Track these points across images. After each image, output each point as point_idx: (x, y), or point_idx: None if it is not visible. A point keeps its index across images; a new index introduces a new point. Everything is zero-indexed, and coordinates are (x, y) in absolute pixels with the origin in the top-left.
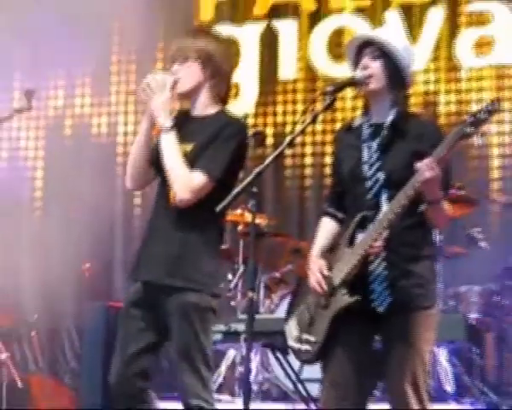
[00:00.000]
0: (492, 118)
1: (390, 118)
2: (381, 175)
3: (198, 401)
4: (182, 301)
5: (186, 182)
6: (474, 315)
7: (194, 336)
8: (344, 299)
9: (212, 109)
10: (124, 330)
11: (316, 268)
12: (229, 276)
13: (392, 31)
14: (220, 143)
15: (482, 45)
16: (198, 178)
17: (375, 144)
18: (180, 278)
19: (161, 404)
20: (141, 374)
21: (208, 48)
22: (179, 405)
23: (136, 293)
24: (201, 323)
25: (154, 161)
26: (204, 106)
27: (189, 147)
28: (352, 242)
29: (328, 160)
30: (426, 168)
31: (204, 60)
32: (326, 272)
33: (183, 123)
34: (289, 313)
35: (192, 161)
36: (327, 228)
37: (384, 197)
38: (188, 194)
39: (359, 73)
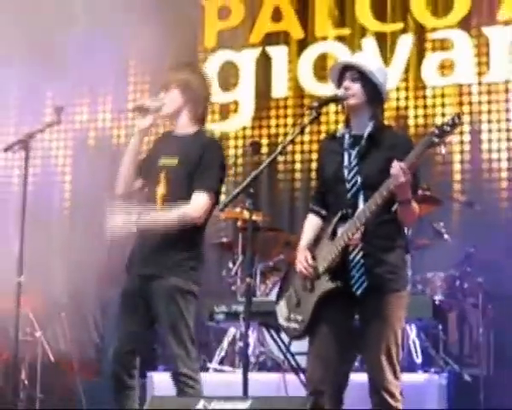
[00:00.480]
0: (455, 130)
1: (368, 130)
2: (358, 178)
3: (184, 369)
4: (168, 285)
5: (195, 206)
6: (438, 297)
7: (180, 314)
8: (327, 284)
9: (191, 129)
10: (121, 314)
11: (303, 257)
12: (230, 264)
13: (368, 56)
14: (208, 161)
15: (445, 67)
16: (203, 198)
17: (354, 152)
18: (167, 269)
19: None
20: (131, 352)
21: (186, 78)
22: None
23: (131, 284)
24: (185, 303)
25: (143, 172)
26: (184, 126)
27: (174, 160)
28: (333, 235)
29: (314, 165)
30: (399, 173)
31: (183, 88)
32: (311, 261)
33: (168, 140)
34: (279, 296)
35: (178, 172)
36: (312, 223)
37: (361, 197)
38: (200, 213)
39: (341, 92)
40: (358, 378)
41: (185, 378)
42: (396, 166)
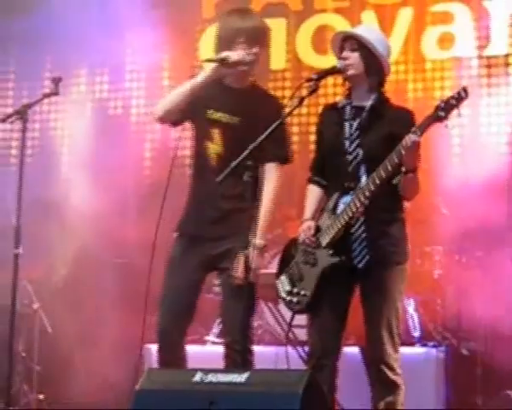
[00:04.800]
0: (461, 104)
1: (370, 102)
2: (360, 151)
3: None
4: None
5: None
6: (437, 271)
7: None
8: (330, 259)
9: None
10: None
11: (306, 227)
12: None
13: (371, 27)
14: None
15: (444, 40)
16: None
17: (355, 124)
18: None
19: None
20: None
21: None
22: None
23: None
24: None
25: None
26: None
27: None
28: (335, 208)
29: (312, 138)
30: (410, 138)
31: None
32: (313, 231)
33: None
34: (280, 270)
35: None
36: (314, 194)
37: (362, 170)
38: None
39: (340, 63)
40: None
41: (243, 352)
42: (409, 136)
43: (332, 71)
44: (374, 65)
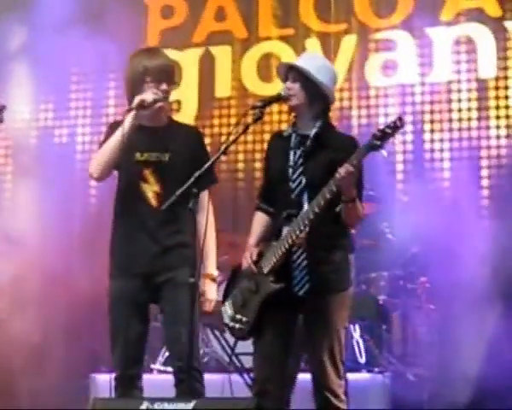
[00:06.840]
0: (396, 133)
1: (314, 130)
2: (303, 178)
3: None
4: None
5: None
6: (382, 297)
7: None
8: (271, 286)
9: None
10: None
11: (248, 254)
12: None
13: (315, 55)
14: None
15: (387, 67)
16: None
17: (299, 151)
18: None
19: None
20: None
21: None
22: None
23: None
24: None
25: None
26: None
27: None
28: (278, 236)
29: (257, 165)
30: (344, 168)
31: None
32: (255, 258)
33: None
34: (225, 296)
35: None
36: (260, 221)
37: (305, 198)
38: None
39: (283, 92)
40: (303, 378)
41: (197, 373)
42: (342, 167)
43: (277, 99)
44: (316, 94)
